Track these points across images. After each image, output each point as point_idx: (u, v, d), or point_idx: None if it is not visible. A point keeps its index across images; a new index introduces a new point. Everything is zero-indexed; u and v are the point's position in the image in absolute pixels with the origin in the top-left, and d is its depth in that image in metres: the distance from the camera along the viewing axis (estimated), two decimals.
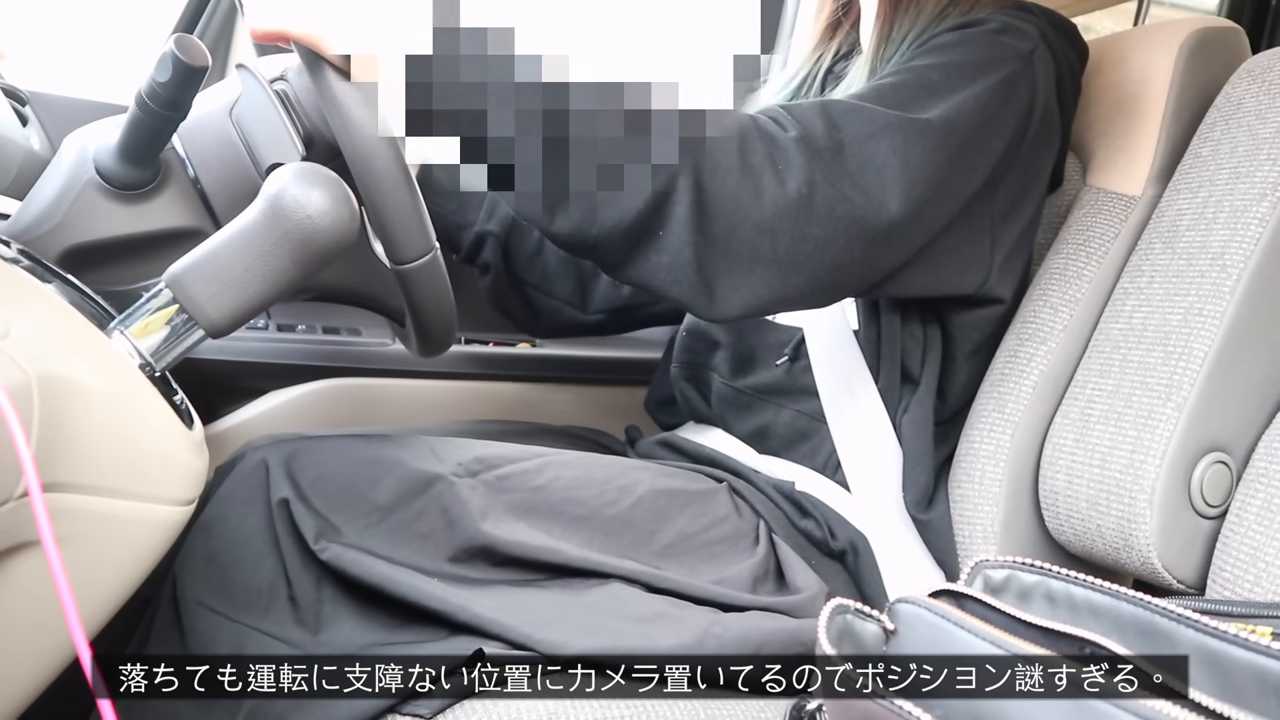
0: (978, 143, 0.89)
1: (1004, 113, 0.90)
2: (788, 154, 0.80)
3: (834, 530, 0.97)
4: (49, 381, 0.54)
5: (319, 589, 0.79)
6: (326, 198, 0.69)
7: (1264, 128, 0.92)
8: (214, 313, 0.69)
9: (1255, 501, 0.83)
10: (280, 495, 0.80)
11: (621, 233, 0.80)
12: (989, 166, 0.91)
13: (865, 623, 0.50)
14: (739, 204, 0.79)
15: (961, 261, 0.95)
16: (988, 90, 0.89)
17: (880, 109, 0.85)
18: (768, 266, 0.82)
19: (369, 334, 1.33)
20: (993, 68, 0.90)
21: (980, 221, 0.95)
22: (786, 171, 0.80)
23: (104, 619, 0.64)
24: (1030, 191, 0.99)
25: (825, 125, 0.83)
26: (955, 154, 0.87)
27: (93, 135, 1.01)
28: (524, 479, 0.88)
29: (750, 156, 0.79)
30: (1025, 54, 0.93)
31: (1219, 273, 0.89)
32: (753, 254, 0.81)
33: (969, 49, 0.91)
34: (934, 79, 0.89)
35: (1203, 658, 0.48)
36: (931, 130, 0.85)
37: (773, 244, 0.81)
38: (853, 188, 0.82)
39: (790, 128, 0.82)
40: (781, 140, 0.81)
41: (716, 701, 0.79)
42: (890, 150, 0.84)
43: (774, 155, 0.80)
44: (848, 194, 0.82)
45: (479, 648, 0.74)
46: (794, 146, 0.81)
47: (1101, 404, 0.92)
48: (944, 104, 0.87)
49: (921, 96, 0.87)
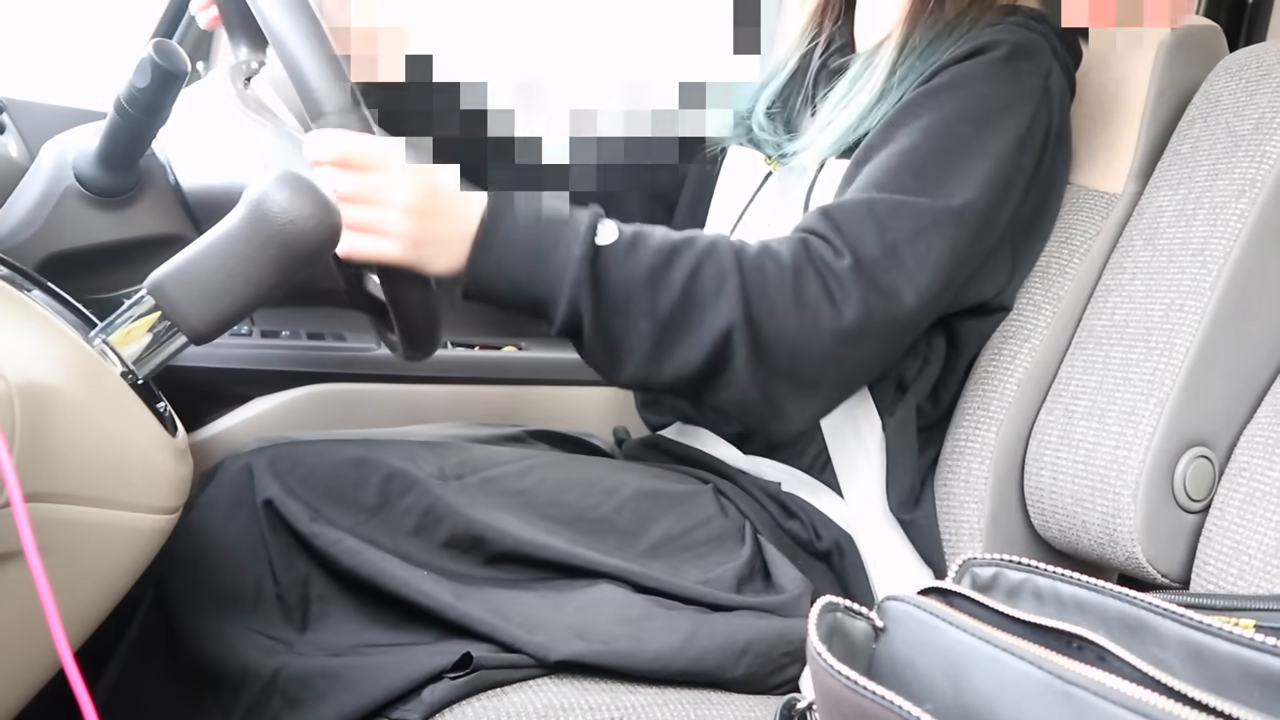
0: (1005, 197, 0.92)
1: (1024, 155, 0.92)
2: (843, 283, 0.83)
3: (819, 531, 0.97)
4: (29, 390, 0.54)
5: (307, 587, 0.79)
6: (308, 202, 0.69)
7: (1242, 124, 0.93)
8: (196, 319, 0.69)
9: (1237, 495, 0.83)
10: (265, 496, 0.80)
11: (685, 381, 0.84)
12: (1016, 204, 0.94)
13: (855, 621, 0.50)
14: (798, 340, 0.82)
15: (984, 279, 0.97)
16: (1012, 139, 0.91)
17: (925, 201, 0.86)
18: (833, 387, 0.88)
19: (354, 339, 1.32)
20: (1014, 107, 0.91)
21: (1003, 243, 0.96)
22: (844, 302, 0.82)
23: (90, 628, 0.63)
24: (1050, 202, 1.01)
25: (877, 231, 0.84)
26: (989, 219, 0.90)
27: (72, 142, 1.00)
28: (509, 482, 0.88)
29: (805, 292, 0.82)
30: (1042, 82, 0.93)
31: (1199, 269, 0.89)
32: (817, 380, 0.85)
33: (990, 89, 0.91)
34: (964, 134, 0.89)
35: (1187, 651, 0.48)
36: (974, 214, 0.88)
37: (838, 370, 0.85)
38: (909, 290, 0.85)
39: (844, 252, 0.84)
40: (836, 269, 0.83)
41: (706, 701, 0.80)
42: (943, 246, 0.86)
43: (829, 286, 0.83)
44: (905, 302, 0.85)
45: (467, 651, 0.74)
46: (849, 275, 0.83)
47: (1085, 400, 0.93)
48: (977, 172, 0.88)
49: (957, 163, 0.88)
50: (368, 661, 0.75)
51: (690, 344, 0.81)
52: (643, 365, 0.82)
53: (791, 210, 1.01)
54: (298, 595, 0.79)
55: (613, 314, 0.80)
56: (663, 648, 0.79)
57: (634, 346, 0.81)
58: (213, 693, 0.76)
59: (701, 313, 0.81)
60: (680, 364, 0.82)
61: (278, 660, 0.75)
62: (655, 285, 0.80)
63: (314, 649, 0.77)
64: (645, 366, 0.82)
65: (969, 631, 0.46)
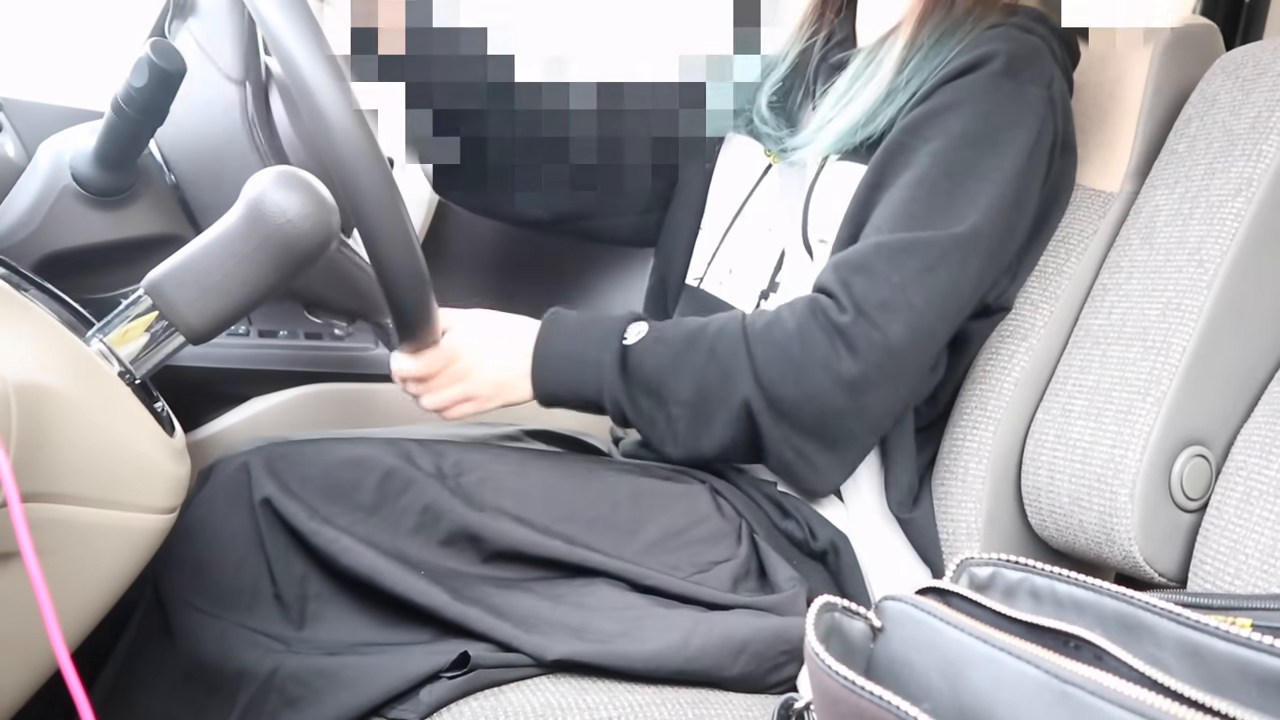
0: (1022, 211, 0.93)
1: (1037, 168, 0.93)
2: (848, 338, 0.86)
3: (815, 531, 0.97)
4: (27, 391, 0.54)
5: (304, 585, 0.79)
6: (307, 201, 0.69)
7: (1238, 123, 0.93)
8: (194, 319, 0.69)
9: (1234, 494, 0.83)
10: (263, 495, 0.80)
11: (730, 451, 0.93)
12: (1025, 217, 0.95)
13: (853, 620, 0.50)
14: (814, 399, 0.87)
15: (989, 282, 0.97)
16: (1023, 158, 0.91)
17: (933, 236, 0.88)
18: (863, 435, 0.92)
19: (351, 339, 1.32)
20: (1022, 125, 0.91)
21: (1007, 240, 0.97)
22: (850, 356, 0.86)
23: (87, 628, 0.63)
24: (1056, 207, 1.02)
25: (884, 276, 0.87)
26: (1004, 237, 0.92)
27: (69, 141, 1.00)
28: (506, 481, 0.88)
29: (812, 354, 0.86)
30: (1045, 92, 0.93)
31: (1196, 268, 0.89)
32: (845, 434, 0.90)
33: (993, 106, 0.91)
34: (971, 159, 0.90)
35: (1184, 650, 0.48)
36: (982, 239, 0.90)
37: (863, 421, 0.89)
38: (905, 329, 0.87)
39: (848, 308, 0.87)
40: (840, 324, 0.86)
41: (704, 701, 0.80)
42: (949, 276, 0.88)
43: (834, 343, 0.86)
44: (900, 338, 0.87)
45: (464, 651, 0.74)
46: (852, 328, 0.86)
47: (1082, 400, 0.93)
48: (987, 192, 0.89)
49: (967, 187, 0.89)
50: (365, 661, 0.75)
51: (720, 419, 0.90)
52: (686, 442, 0.92)
53: (791, 210, 1.01)
54: (295, 594, 0.79)
55: (649, 403, 0.91)
56: (660, 646, 0.79)
57: (674, 428, 0.91)
58: (210, 692, 0.76)
59: (722, 391, 0.88)
60: (718, 438, 0.91)
61: (275, 659, 0.75)
62: (678, 373, 0.89)
63: (311, 648, 0.77)
64: (689, 443, 0.92)
65: (966, 631, 0.46)
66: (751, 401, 0.88)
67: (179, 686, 0.78)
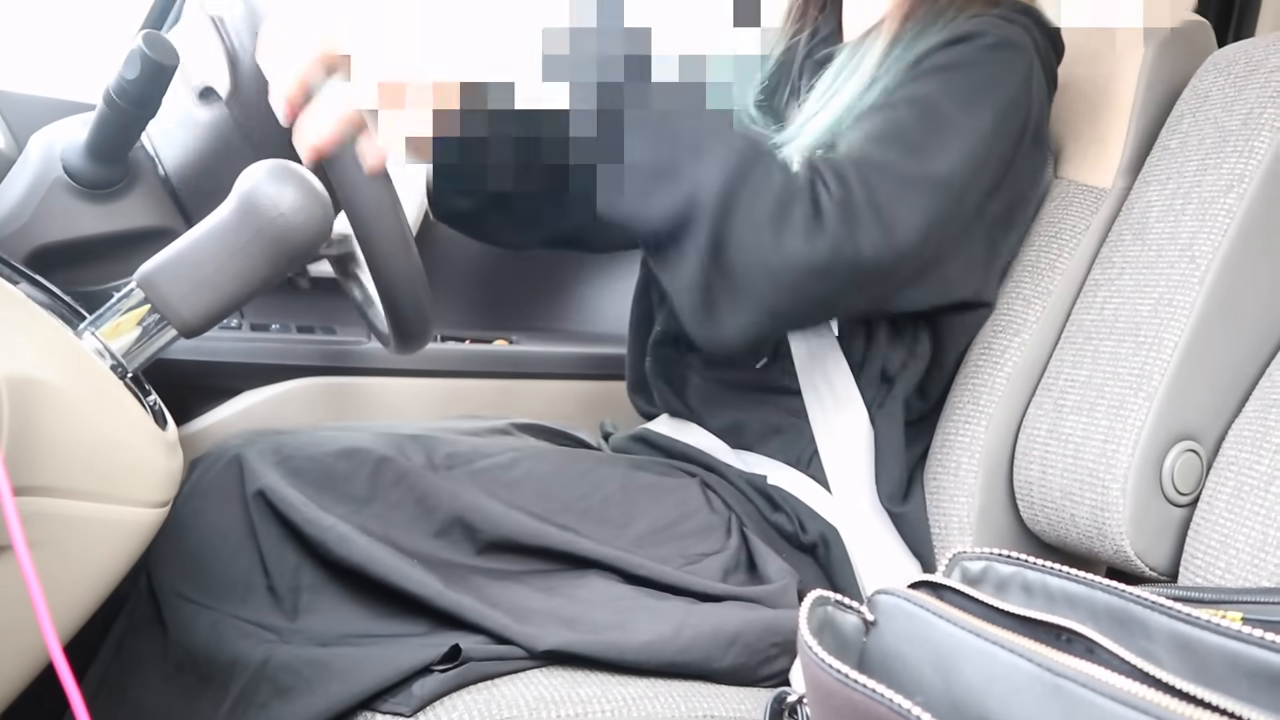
0: (979, 177, 0.91)
1: (1005, 139, 0.92)
2: (824, 220, 0.82)
3: (804, 524, 0.98)
4: (18, 383, 0.54)
5: (297, 576, 0.79)
6: (300, 195, 0.69)
7: (1230, 120, 0.93)
8: (186, 312, 0.69)
9: (1225, 489, 0.84)
10: (256, 486, 0.80)
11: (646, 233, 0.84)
12: (989, 190, 0.93)
13: (846, 614, 0.50)
14: (759, 248, 0.81)
15: (958, 273, 0.96)
16: (992, 123, 0.90)
17: (907, 163, 0.87)
18: (771, 314, 0.84)
19: (344, 332, 1.32)
20: (995, 92, 0.91)
21: (976, 232, 0.96)
22: (817, 237, 0.81)
23: (79, 622, 0.63)
24: (1026, 196, 1.02)
25: (864, 185, 0.84)
26: (966, 196, 0.90)
27: (60, 133, 1.00)
28: (497, 474, 0.88)
29: (791, 213, 0.81)
30: (1024, 75, 0.93)
31: (1188, 263, 0.90)
32: (759, 298, 0.83)
33: (973, 71, 0.92)
34: (946, 112, 0.89)
35: (1176, 643, 0.48)
36: (951, 184, 0.88)
37: (776, 295, 0.83)
38: (875, 248, 0.84)
39: (835, 191, 0.83)
40: (823, 205, 0.82)
41: (697, 694, 0.80)
42: (918, 210, 0.86)
43: (811, 217, 0.82)
44: (869, 256, 0.83)
45: (456, 644, 0.74)
46: (832, 215, 0.82)
47: (1074, 395, 0.93)
48: (958, 144, 0.88)
49: (939, 132, 0.88)
50: (357, 652, 0.75)
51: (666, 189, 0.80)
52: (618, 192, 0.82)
53: None
54: (288, 585, 0.79)
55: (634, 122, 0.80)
56: (651, 637, 0.79)
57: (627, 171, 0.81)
58: (202, 682, 0.76)
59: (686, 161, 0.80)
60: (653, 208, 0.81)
61: (267, 649, 0.75)
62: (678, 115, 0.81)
63: (303, 638, 0.77)
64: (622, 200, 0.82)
65: (959, 625, 0.46)
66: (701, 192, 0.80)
67: (171, 677, 0.78)
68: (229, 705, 0.74)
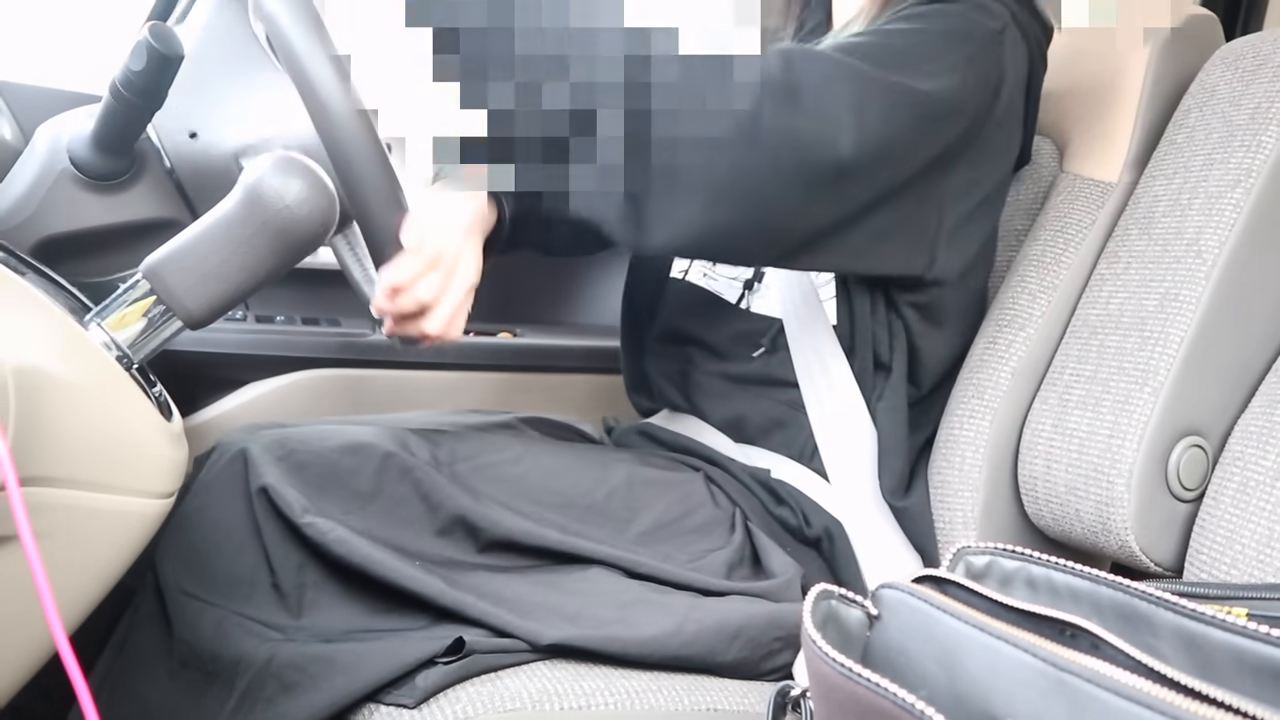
0: (937, 116, 0.87)
1: (966, 90, 0.88)
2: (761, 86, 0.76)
3: (809, 517, 0.98)
4: (25, 374, 0.54)
5: (301, 574, 0.79)
6: (305, 187, 0.69)
7: (1237, 114, 0.93)
8: (192, 304, 0.69)
9: (1231, 485, 0.84)
10: (260, 483, 0.80)
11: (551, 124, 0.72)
12: (945, 142, 0.89)
13: (849, 608, 0.50)
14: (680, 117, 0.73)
15: (908, 240, 0.92)
16: (953, 65, 0.87)
17: (844, 58, 0.82)
18: (703, 193, 0.76)
19: (349, 324, 1.32)
20: (961, 41, 0.89)
21: (928, 201, 0.92)
22: (737, 93, 0.74)
23: (85, 612, 0.63)
24: (989, 174, 0.97)
25: (782, 65, 0.79)
26: (913, 120, 0.85)
27: (66, 125, 1.00)
28: (501, 469, 0.88)
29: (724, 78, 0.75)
30: (995, 32, 0.91)
31: (1194, 258, 0.89)
32: (688, 176, 0.75)
33: (939, 20, 0.90)
34: (901, 44, 0.87)
35: (1181, 639, 0.48)
36: (891, 89, 0.83)
37: (710, 165, 0.75)
38: (805, 121, 0.78)
39: (776, 64, 0.78)
40: (773, 71, 0.77)
41: (700, 687, 0.80)
42: (848, 95, 0.80)
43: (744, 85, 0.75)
44: (798, 127, 0.77)
45: (459, 636, 0.75)
46: (772, 82, 0.77)
47: (1079, 389, 0.93)
48: (909, 70, 0.85)
49: (886, 59, 0.85)
50: (361, 647, 0.75)
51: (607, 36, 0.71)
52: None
53: None
54: (293, 583, 0.79)
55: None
56: (654, 632, 0.79)
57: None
58: (208, 679, 0.76)
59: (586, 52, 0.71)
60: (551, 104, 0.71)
61: (272, 646, 0.75)
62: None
63: (308, 635, 0.77)
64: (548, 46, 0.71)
65: (963, 619, 0.46)
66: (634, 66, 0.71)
67: (176, 674, 0.78)
68: (234, 702, 0.74)
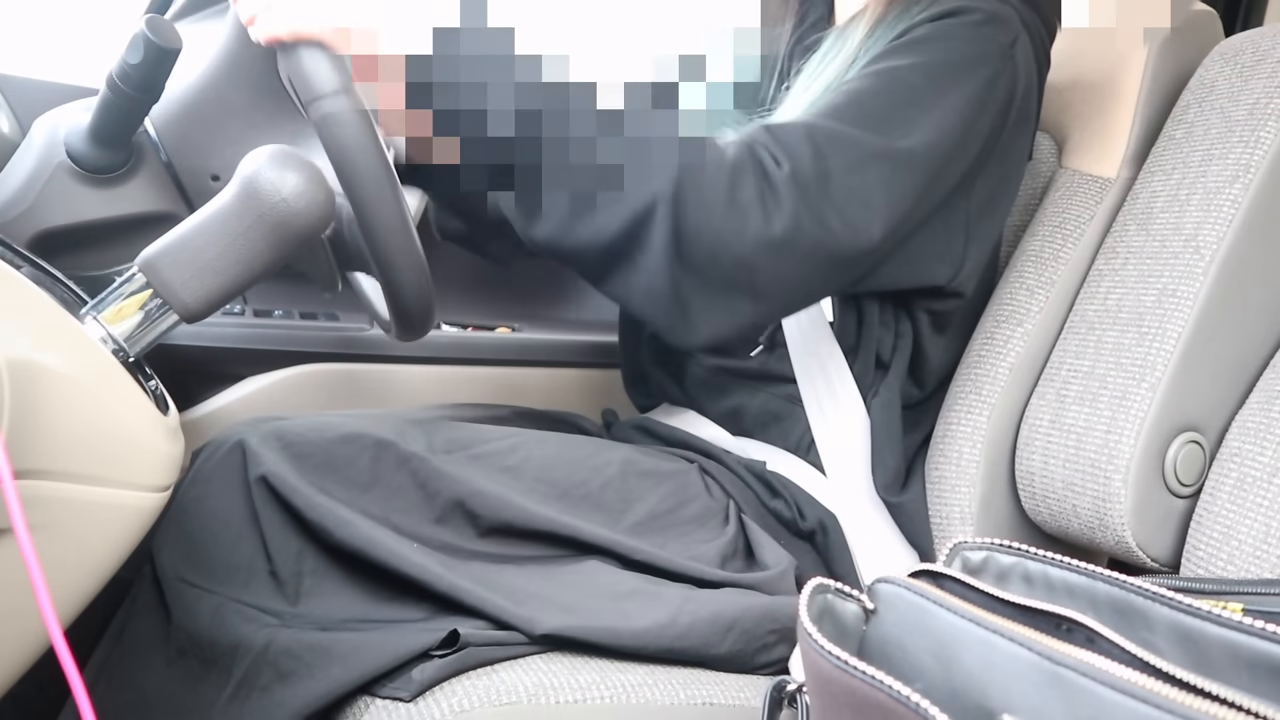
0: (956, 154, 0.89)
1: (983, 117, 0.89)
2: (778, 193, 0.80)
3: (803, 510, 0.98)
4: (20, 367, 0.54)
5: (299, 561, 0.79)
6: (301, 180, 0.68)
7: (1236, 110, 0.93)
8: (188, 297, 0.69)
9: (1228, 481, 0.84)
10: (260, 471, 0.80)
11: (598, 250, 0.82)
12: (964, 171, 0.91)
13: (846, 602, 0.51)
14: (720, 236, 0.79)
15: (935, 255, 0.95)
16: (969, 97, 0.88)
17: (866, 136, 0.84)
18: (744, 298, 0.82)
19: (347, 319, 1.32)
20: (974, 68, 0.89)
21: (956, 215, 0.94)
22: (775, 211, 0.80)
23: (80, 605, 0.63)
24: (1008, 182, 0.99)
25: (813, 154, 0.82)
26: (936, 173, 0.87)
27: (63, 118, 1.00)
28: (497, 459, 0.89)
29: (740, 192, 0.80)
30: (1006, 47, 0.91)
31: (1192, 254, 0.89)
32: (730, 285, 0.81)
33: (950, 46, 0.90)
34: (916, 84, 0.87)
35: (1177, 634, 0.48)
36: (915, 159, 0.85)
37: (750, 278, 0.81)
38: (838, 221, 0.81)
39: (783, 162, 0.81)
40: (774, 177, 0.80)
41: (696, 681, 0.80)
42: (877, 181, 0.83)
43: (764, 193, 0.80)
44: (833, 228, 0.81)
45: (454, 629, 0.75)
46: (785, 186, 0.80)
47: (1077, 385, 0.93)
48: (927, 121, 0.86)
49: (904, 109, 0.86)
50: (358, 637, 0.75)
51: (614, 210, 0.79)
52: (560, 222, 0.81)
53: None
54: (290, 570, 0.79)
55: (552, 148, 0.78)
56: (648, 623, 0.79)
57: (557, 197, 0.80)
58: (205, 667, 0.77)
59: (633, 178, 0.79)
60: (597, 230, 0.80)
61: (269, 633, 0.75)
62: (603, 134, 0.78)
63: (304, 622, 0.77)
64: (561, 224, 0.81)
65: (959, 613, 0.46)
66: (658, 206, 0.78)
67: (173, 661, 0.78)
68: (231, 689, 0.74)
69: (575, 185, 0.80)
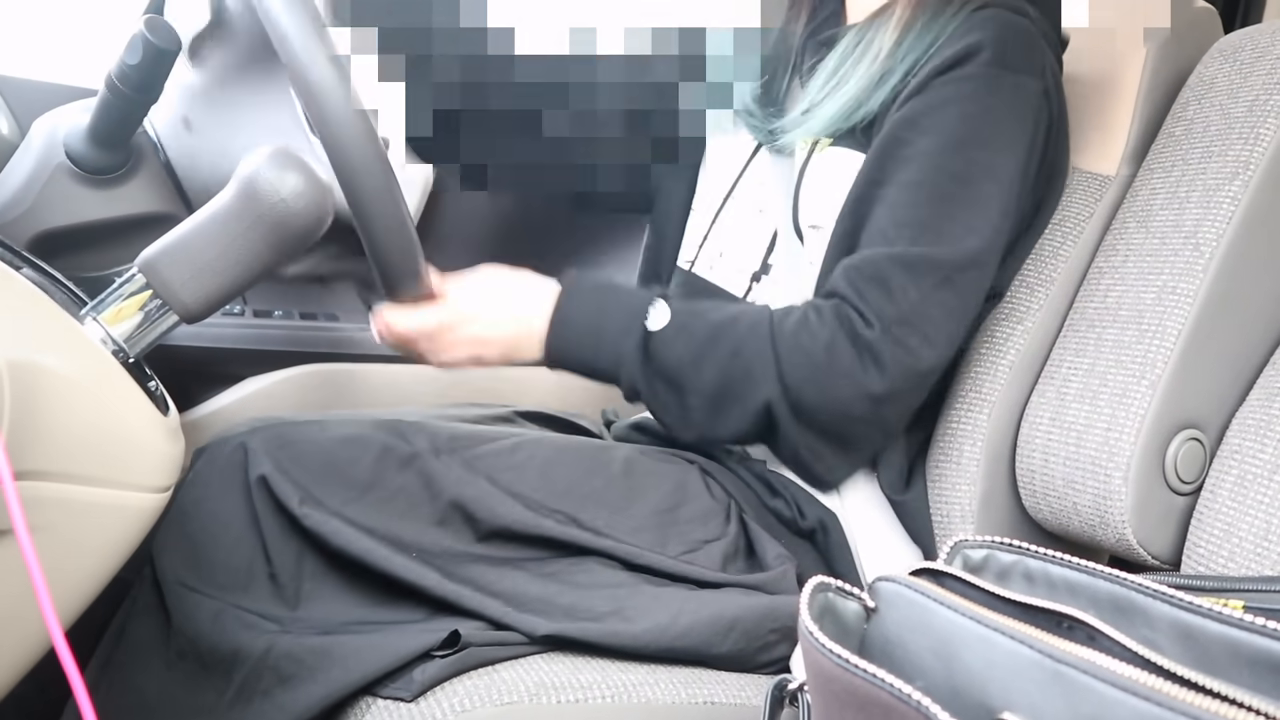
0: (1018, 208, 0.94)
1: (1032, 163, 0.94)
2: (875, 351, 0.87)
3: (803, 509, 0.98)
4: (20, 368, 0.54)
5: (299, 564, 0.79)
6: (300, 181, 0.68)
7: (1235, 107, 0.92)
8: (188, 298, 0.69)
9: (1229, 478, 0.84)
10: (259, 473, 0.80)
11: (745, 441, 0.97)
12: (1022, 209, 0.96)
13: (847, 601, 0.50)
14: (836, 407, 0.89)
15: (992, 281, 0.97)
16: (1020, 159, 0.92)
17: (937, 255, 0.89)
18: (876, 440, 0.96)
19: (346, 319, 1.32)
20: (1020, 121, 0.92)
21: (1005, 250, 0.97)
22: (877, 369, 0.87)
23: (81, 606, 0.63)
24: (1052, 193, 1.02)
25: (898, 293, 0.88)
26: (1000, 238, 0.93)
27: (63, 119, 0.99)
28: (498, 459, 0.89)
29: (839, 364, 0.87)
30: (1040, 86, 0.93)
31: (1192, 251, 0.89)
32: (859, 438, 0.93)
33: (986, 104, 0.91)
34: (972, 160, 0.90)
35: (1177, 631, 0.48)
36: (981, 261, 0.92)
37: (880, 428, 0.93)
38: (930, 349, 0.90)
39: (873, 322, 0.88)
40: (866, 338, 0.87)
41: (698, 680, 0.80)
42: (958, 298, 0.91)
43: (862, 356, 0.88)
44: (929, 358, 0.90)
45: (455, 630, 0.75)
46: (879, 343, 0.87)
47: (1077, 382, 0.93)
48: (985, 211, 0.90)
49: (966, 203, 0.90)
50: (358, 639, 0.75)
51: (738, 414, 0.90)
52: (700, 429, 0.93)
53: (782, 193, 1.00)
54: (290, 574, 0.79)
55: (666, 390, 0.91)
56: (650, 625, 0.79)
57: (690, 417, 0.92)
58: (205, 671, 0.77)
59: (744, 389, 0.89)
60: (734, 430, 0.92)
61: (269, 638, 0.75)
62: (700, 366, 0.89)
63: (305, 626, 0.77)
64: (703, 430, 0.93)
65: (960, 611, 0.46)
66: (773, 403, 0.88)
67: (173, 665, 0.78)
68: (232, 693, 0.74)
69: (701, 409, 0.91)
